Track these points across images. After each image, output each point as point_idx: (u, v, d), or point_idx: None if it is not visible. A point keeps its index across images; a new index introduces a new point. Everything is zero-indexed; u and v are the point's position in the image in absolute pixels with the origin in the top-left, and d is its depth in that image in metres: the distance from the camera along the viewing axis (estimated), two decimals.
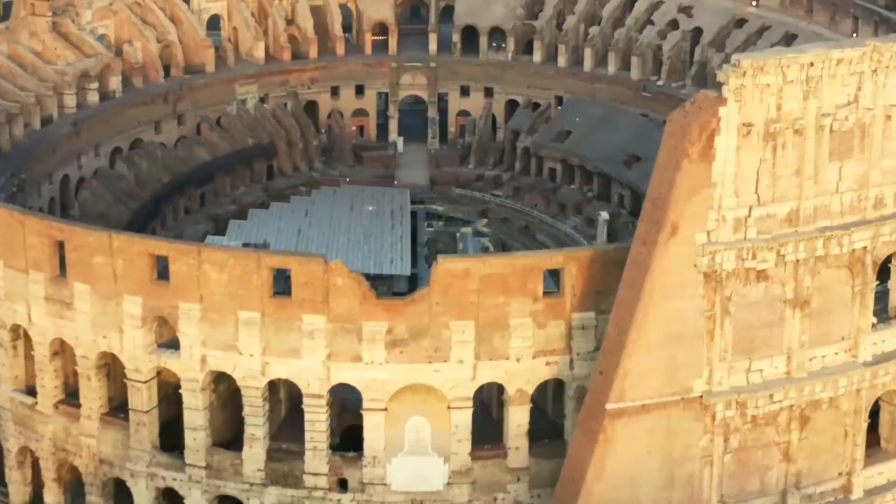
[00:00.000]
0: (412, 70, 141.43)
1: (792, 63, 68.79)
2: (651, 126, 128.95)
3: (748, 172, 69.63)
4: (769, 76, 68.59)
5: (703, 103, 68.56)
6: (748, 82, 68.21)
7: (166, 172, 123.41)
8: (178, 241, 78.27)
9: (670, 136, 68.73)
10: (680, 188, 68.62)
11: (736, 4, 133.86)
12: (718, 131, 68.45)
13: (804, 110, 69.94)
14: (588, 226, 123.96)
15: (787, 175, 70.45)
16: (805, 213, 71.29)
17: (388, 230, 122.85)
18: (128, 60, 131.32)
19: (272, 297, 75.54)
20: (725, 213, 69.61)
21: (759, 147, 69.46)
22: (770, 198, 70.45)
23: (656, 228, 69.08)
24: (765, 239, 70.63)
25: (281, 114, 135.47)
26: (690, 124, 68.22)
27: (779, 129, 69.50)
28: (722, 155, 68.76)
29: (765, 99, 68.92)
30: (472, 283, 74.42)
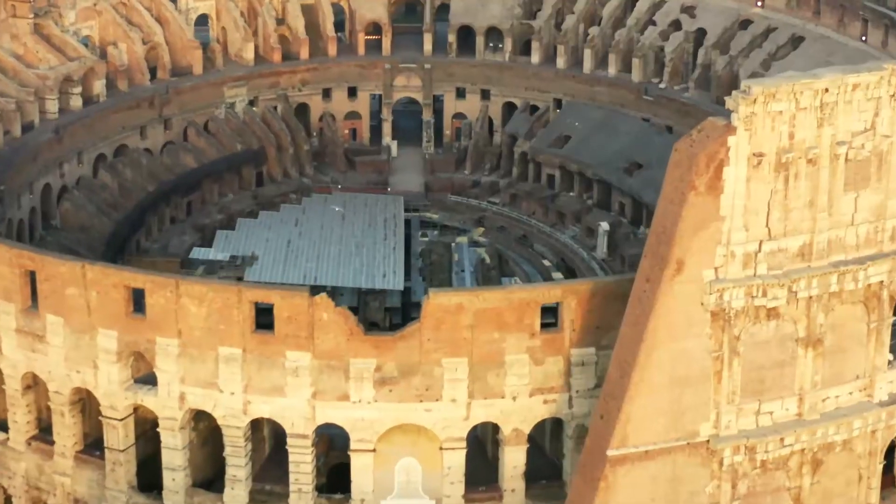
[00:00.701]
0: (406, 71, 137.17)
1: (805, 89, 64.61)
2: (652, 131, 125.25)
3: (758, 205, 65.48)
4: (781, 103, 64.41)
5: (710, 132, 64.35)
6: (759, 110, 64.04)
7: (151, 181, 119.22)
8: (154, 273, 73.69)
9: (676, 167, 64.50)
10: (686, 222, 64.47)
11: (740, 5, 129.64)
12: (727, 162, 64.29)
13: (818, 138, 65.79)
14: (588, 236, 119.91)
15: (800, 207, 66.34)
16: (818, 247, 67.20)
17: (381, 241, 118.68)
18: (112, 63, 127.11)
19: (254, 333, 71.34)
20: (734, 248, 65.49)
21: (770, 178, 65.30)
22: (781, 231, 66.34)
23: (661, 265, 64.94)
24: (776, 275, 66.54)
25: (271, 117, 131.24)
26: (697, 154, 64.04)
27: (791, 158, 65.36)
28: (731, 187, 64.60)
29: (777, 127, 64.74)
30: (465, 318, 70.58)
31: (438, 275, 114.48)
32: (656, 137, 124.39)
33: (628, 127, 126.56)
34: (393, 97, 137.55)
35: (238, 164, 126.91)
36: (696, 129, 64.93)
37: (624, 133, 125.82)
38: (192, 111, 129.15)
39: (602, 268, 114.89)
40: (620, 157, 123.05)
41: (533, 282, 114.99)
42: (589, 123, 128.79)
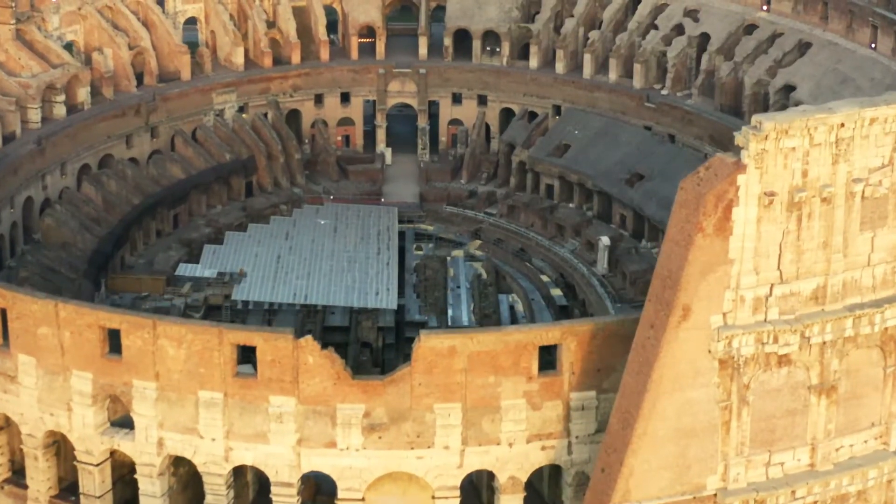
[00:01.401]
0: (401, 76, 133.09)
1: (820, 124, 60.85)
2: (654, 141, 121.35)
3: (770, 247, 61.77)
4: (794, 139, 60.69)
5: (719, 169, 60.57)
6: (770, 146, 60.29)
7: (137, 193, 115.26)
8: (130, 313, 69.96)
9: (682, 207, 60.67)
10: (693, 266, 60.66)
11: (745, 9, 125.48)
12: (737, 202, 60.58)
13: (833, 176, 62.11)
14: (588, 250, 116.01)
15: (814, 248, 62.66)
16: (833, 290, 63.58)
17: (374, 255, 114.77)
18: (97, 69, 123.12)
19: (236, 376, 67.49)
20: (744, 292, 61.82)
21: (782, 218, 61.57)
22: (794, 274, 62.63)
23: (666, 310, 61.13)
24: (788, 320, 62.92)
25: (261, 125, 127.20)
26: (705, 194, 60.29)
27: (804, 197, 61.68)
28: (740, 228, 60.88)
29: (789, 164, 61.00)
30: (458, 361, 66.89)
31: (433, 292, 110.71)
32: (658, 147, 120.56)
33: (629, 136, 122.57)
34: (387, 103, 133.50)
35: (227, 174, 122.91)
36: (704, 167, 61.18)
37: (625, 142, 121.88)
38: (179, 119, 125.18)
39: (602, 284, 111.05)
40: (621, 168, 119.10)
41: (531, 297, 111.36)
42: (589, 132, 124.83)
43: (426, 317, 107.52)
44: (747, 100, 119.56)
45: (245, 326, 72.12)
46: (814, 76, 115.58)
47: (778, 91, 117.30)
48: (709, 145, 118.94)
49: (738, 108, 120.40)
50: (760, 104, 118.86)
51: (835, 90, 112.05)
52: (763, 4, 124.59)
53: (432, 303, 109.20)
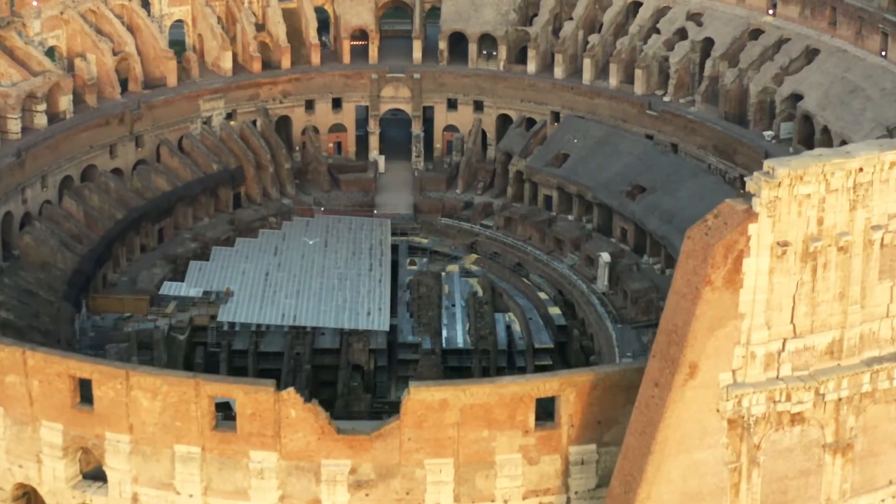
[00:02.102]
0: (394, 81, 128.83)
1: (837, 169, 56.69)
2: (656, 151, 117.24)
3: (782, 299, 57.78)
4: (809, 185, 56.54)
5: (728, 218, 56.43)
6: (784, 193, 56.13)
7: (120, 207, 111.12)
8: (102, 362, 65.91)
9: (689, 257, 56.58)
10: (700, 321, 56.63)
11: (750, 13, 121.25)
12: (748, 252, 56.54)
13: (851, 223, 58.10)
14: (587, 265, 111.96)
15: (829, 300, 58.71)
16: (850, 344, 59.72)
17: (366, 272, 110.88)
18: (80, 76, 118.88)
19: (214, 430, 63.51)
20: (755, 348, 57.87)
21: (796, 269, 57.57)
22: (808, 327, 58.69)
23: (671, 368, 57.14)
24: (801, 376, 59.11)
25: (249, 133, 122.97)
26: (713, 244, 56.20)
27: (820, 247, 57.37)
28: (751, 280, 56.87)
29: (804, 212, 56.94)
30: (450, 414, 62.94)
31: (427, 311, 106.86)
32: (661, 158, 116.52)
33: (630, 145, 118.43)
34: (380, 109, 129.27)
35: (214, 185, 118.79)
36: (712, 214, 57.00)
37: (626, 152, 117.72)
38: (165, 127, 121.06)
39: (602, 303, 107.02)
40: (622, 180, 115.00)
41: (528, 316, 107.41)
42: (588, 140, 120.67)
43: (419, 338, 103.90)
44: (752, 108, 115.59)
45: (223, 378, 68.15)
46: (822, 85, 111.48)
47: (784, 100, 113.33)
48: (712, 155, 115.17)
49: (742, 117, 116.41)
50: (766, 113, 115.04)
51: (843, 100, 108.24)
52: (769, 9, 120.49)
53: (426, 323, 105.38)
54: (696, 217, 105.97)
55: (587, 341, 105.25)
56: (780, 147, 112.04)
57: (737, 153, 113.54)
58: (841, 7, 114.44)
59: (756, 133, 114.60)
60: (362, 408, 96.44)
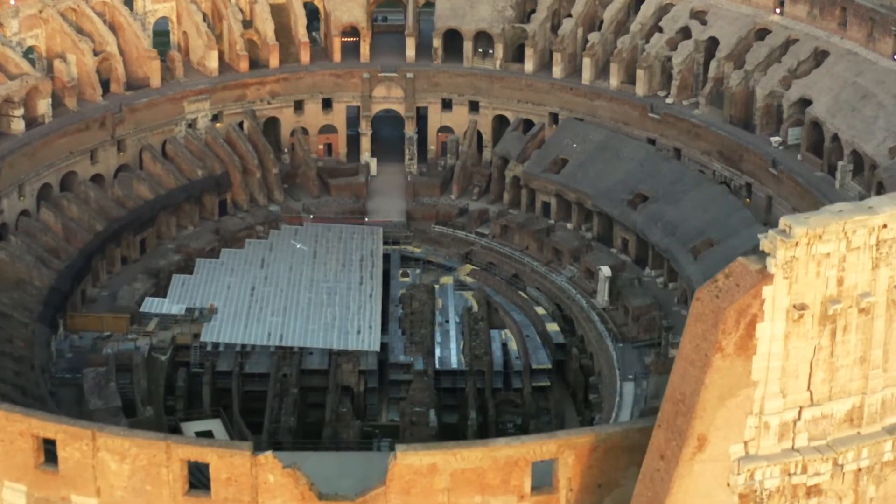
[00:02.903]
0: (386, 81, 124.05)
1: (859, 226, 52.09)
2: (659, 157, 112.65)
3: (799, 365, 53.49)
4: (829, 244, 51.97)
5: (740, 279, 51.93)
6: (801, 253, 51.53)
7: (100, 218, 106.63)
8: (68, 422, 61.30)
9: (698, 321, 52.11)
10: (710, 390, 52.28)
11: (757, 11, 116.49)
12: (761, 317, 52.10)
13: (873, 283, 53.74)
14: (587, 277, 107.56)
15: (849, 365, 54.41)
16: (870, 410, 55.56)
17: (357, 285, 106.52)
18: (60, 79, 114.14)
19: (186, 495, 59.13)
20: (768, 418, 53.63)
21: (813, 333, 53.22)
22: (826, 394, 54.39)
23: (678, 440, 52.83)
24: (818, 447, 54.90)
25: (235, 137, 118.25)
26: (725, 308, 51.75)
27: (840, 309, 52.87)
28: (766, 346, 52.52)
29: (823, 272, 52.51)
30: (440, 480, 58.63)
31: (420, 328, 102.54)
32: (663, 164, 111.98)
33: (632, 151, 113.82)
34: (372, 109, 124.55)
35: (199, 192, 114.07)
36: (724, 274, 52.46)
37: (627, 158, 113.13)
38: (148, 130, 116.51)
39: (602, 319, 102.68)
40: (623, 188, 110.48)
41: (525, 333, 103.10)
42: (588, 145, 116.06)
43: (411, 358, 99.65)
44: (759, 112, 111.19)
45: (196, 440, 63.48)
46: (831, 89, 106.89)
47: (792, 105, 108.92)
48: (717, 161, 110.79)
49: (748, 121, 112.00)
50: (773, 117, 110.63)
51: (854, 106, 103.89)
52: (776, 7, 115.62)
53: (418, 341, 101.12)
54: (699, 229, 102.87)
55: (587, 360, 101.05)
56: (788, 154, 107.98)
57: (742, 160, 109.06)
58: (851, 7, 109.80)
59: (762, 138, 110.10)
60: (351, 436, 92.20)
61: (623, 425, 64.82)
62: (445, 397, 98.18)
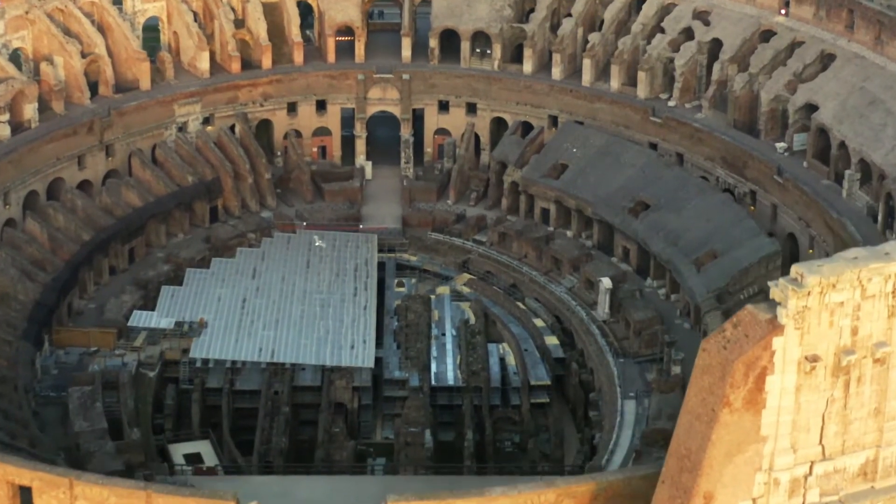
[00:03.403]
0: (382, 82, 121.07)
1: (875, 274, 49.27)
2: (661, 164, 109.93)
3: (810, 419, 50.93)
4: (843, 292, 49.16)
5: (750, 329, 49.21)
6: (814, 303, 48.76)
7: (87, 228, 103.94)
8: (44, 468, 58.60)
9: (704, 374, 49.43)
10: (717, 446, 49.64)
11: (761, 12, 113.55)
12: (772, 370, 49.48)
13: (889, 332, 51.12)
14: (587, 288, 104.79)
15: (863, 417, 51.91)
16: (885, 464, 53.23)
17: (351, 297, 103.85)
18: (46, 82, 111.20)
19: None
20: (778, 474, 51.17)
21: (826, 385, 50.64)
22: (839, 448, 51.85)
23: (683, 497, 50.28)
24: (831, 502, 51.66)
25: (227, 141, 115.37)
26: (733, 361, 49.10)
27: (854, 360, 50.06)
28: (775, 400, 49.93)
29: (836, 322, 49.86)
30: None
31: (415, 342, 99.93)
32: (665, 171, 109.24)
33: (633, 157, 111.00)
34: (367, 111, 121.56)
35: (189, 199, 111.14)
36: (731, 324, 49.73)
37: (628, 164, 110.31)
38: (137, 134, 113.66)
39: (603, 332, 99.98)
40: (624, 195, 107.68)
41: (524, 347, 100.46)
42: (588, 150, 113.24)
43: (407, 373, 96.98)
44: (764, 117, 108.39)
45: (176, 489, 60.67)
46: (838, 95, 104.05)
47: (798, 110, 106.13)
48: (720, 168, 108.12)
49: (753, 126, 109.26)
50: (778, 122, 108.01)
51: (862, 113, 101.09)
52: (781, 8, 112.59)
53: (414, 356, 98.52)
54: (703, 239, 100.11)
55: (587, 375, 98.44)
56: (794, 160, 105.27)
57: (747, 167, 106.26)
58: (859, 9, 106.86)
59: (767, 143, 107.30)
60: (344, 457, 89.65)
61: (625, 472, 62.04)
62: (441, 414, 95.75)
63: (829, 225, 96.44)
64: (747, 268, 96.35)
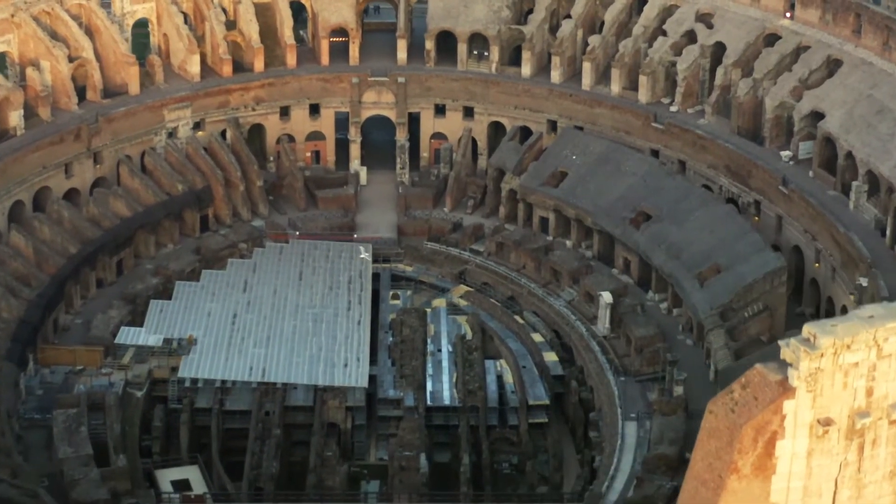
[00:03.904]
0: (377, 86, 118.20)
1: (891, 334, 46.54)
2: (663, 172, 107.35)
3: (823, 484, 48.59)
4: (858, 353, 46.38)
5: (759, 392, 46.63)
6: (827, 364, 46.02)
7: (74, 240, 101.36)
8: None
9: (711, 437, 46.86)
10: None
11: (766, 15, 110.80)
12: (782, 434, 47.06)
13: None
14: (587, 301, 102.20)
15: (878, 480, 49.48)
16: None
17: (344, 311, 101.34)
18: (32, 87, 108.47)
19: None
20: None
21: (839, 448, 48.16)
22: None
23: None
24: None
25: (218, 147, 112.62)
26: (742, 425, 46.68)
27: (869, 422, 47.31)
28: (786, 465, 47.52)
29: (850, 383, 47.13)
30: None
31: (410, 359, 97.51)
32: (667, 180, 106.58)
33: (635, 165, 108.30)
34: (361, 115, 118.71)
35: (179, 208, 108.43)
36: (740, 384, 47.15)
37: (630, 173, 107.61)
38: (126, 141, 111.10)
39: (603, 349, 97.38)
40: (625, 205, 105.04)
41: (522, 364, 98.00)
42: (588, 157, 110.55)
43: (401, 392, 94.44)
44: (768, 124, 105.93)
45: None
46: (845, 103, 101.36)
47: (804, 117, 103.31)
48: (724, 176, 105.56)
49: (757, 133, 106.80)
50: (783, 129, 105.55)
51: (869, 122, 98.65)
52: (786, 11, 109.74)
53: (409, 374, 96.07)
54: (706, 253, 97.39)
55: (586, 393, 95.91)
56: (799, 169, 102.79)
57: (751, 176, 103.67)
58: (866, 14, 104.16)
59: (772, 151, 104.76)
60: (337, 482, 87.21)
61: None
62: (437, 434, 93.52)
63: (836, 239, 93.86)
64: (752, 284, 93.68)
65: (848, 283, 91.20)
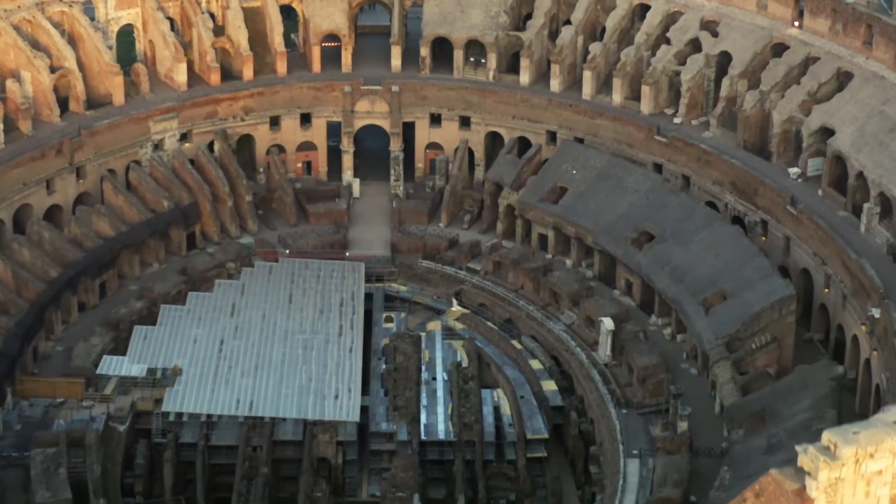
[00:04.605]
0: (370, 94, 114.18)
1: None
2: (666, 189, 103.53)
3: None
4: (882, 461, 42.61)
5: (774, 501, 42.53)
6: (848, 473, 42.21)
7: (55, 263, 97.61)
8: None
9: None
10: None
11: (773, 23, 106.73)
12: None
13: None
14: (587, 325, 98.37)
15: None
16: None
17: (336, 337, 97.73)
18: (12, 100, 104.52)
19: None
20: None
21: None
22: None
23: None
24: None
25: (205, 161, 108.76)
26: None
27: None
28: None
29: (873, 491, 43.18)
30: None
31: (404, 390, 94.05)
32: (671, 198, 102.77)
33: (637, 181, 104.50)
34: (354, 125, 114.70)
35: (164, 226, 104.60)
36: (753, 492, 43.61)
37: (632, 189, 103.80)
38: (110, 154, 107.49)
39: (605, 379, 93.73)
40: (626, 224, 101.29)
41: (520, 394, 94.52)
42: (589, 172, 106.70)
43: (395, 426, 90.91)
44: (776, 139, 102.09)
45: None
46: (856, 119, 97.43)
47: (813, 133, 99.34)
48: (729, 193, 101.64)
49: (764, 148, 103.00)
50: (791, 145, 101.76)
51: (882, 140, 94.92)
52: (794, 20, 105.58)
53: (402, 405, 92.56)
54: (711, 277, 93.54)
55: (587, 425, 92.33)
56: (808, 186, 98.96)
57: (758, 194, 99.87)
58: (878, 25, 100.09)
59: (779, 167, 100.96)
60: None
61: None
62: (432, 469, 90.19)
63: (847, 265, 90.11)
64: (759, 313, 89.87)
65: (859, 311, 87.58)
